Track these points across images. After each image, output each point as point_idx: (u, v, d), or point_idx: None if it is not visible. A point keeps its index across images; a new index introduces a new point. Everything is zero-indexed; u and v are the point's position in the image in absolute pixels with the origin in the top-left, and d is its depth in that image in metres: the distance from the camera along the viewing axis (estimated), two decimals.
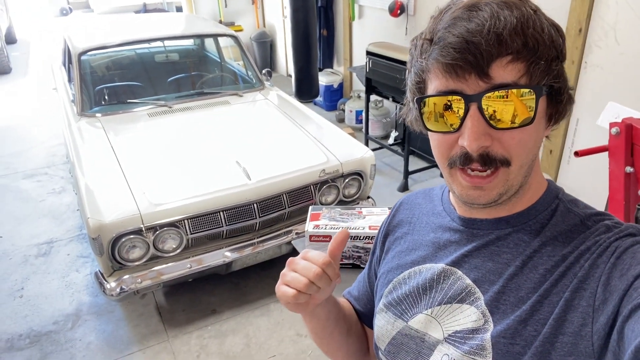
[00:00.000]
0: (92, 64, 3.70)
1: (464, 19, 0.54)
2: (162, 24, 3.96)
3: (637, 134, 1.77)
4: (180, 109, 3.16)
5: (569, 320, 0.55)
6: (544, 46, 0.54)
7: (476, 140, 0.55)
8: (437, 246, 0.71)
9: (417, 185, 3.81)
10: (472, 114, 0.55)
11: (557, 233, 0.61)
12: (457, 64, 0.54)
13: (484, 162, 0.57)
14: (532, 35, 0.53)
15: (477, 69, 0.53)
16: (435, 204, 0.76)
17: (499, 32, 0.52)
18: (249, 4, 6.71)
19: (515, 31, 0.53)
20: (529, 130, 0.57)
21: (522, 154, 0.58)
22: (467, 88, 0.55)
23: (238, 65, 4.05)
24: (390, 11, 4.11)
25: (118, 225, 2.14)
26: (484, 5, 0.54)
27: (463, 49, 0.53)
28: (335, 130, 3.01)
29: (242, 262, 2.47)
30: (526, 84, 0.54)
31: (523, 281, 0.60)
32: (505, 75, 0.54)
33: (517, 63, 0.54)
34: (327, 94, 5.34)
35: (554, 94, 0.58)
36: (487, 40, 0.52)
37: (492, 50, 0.52)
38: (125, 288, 2.22)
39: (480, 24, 0.53)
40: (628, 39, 2.49)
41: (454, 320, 0.64)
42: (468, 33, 0.53)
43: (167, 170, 2.49)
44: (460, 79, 0.55)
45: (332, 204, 2.66)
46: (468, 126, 0.55)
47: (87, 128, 2.93)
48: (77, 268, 2.96)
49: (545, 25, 0.55)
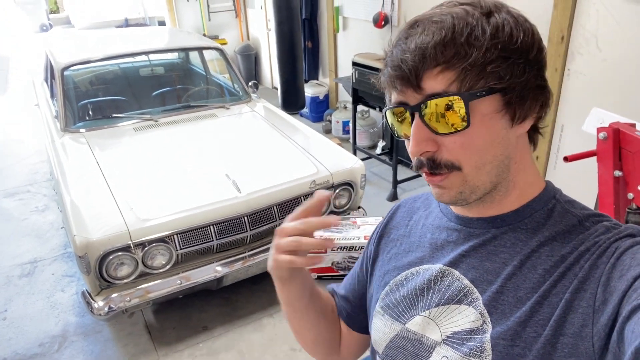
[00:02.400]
0: (76, 79, 3.65)
1: (403, 38, 0.60)
2: (146, 37, 3.94)
3: (624, 138, 1.80)
4: (166, 123, 3.12)
5: (569, 321, 0.55)
6: (479, 50, 0.55)
7: (416, 145, 0.60)
8: (435, 247, 0.72)
9: (406, 194, 3.82)
10: (416, 122, 0.60)
11: (555, 233, 0.61)
12: (396, 80, 0.59)
13: (430, 166, 0.61)
14: (466, 42, 0.55)
15: (410, 83, 0.58)
16: (433, 206, 0.78)
17: (424, 47, 0.56)
18: (233, 18, 6.72)
19: (443, 43, 0.56)
20: (472, 133, 0.58)
21: (472, 156, 0.59)
22: (409, 100, 0.60)
23: (224, 78, 4.03)
24: (374, 22, 4.15)
25: (105, 242, 2.08)
26: (422, 22, 0.59)
27: (397, 66, 0.58)
28: (324, 140, 3.00)
29: (233, 276, 2.43)
30: (456, 91, 0.57)
31: (521, 281, 0.60)
32: (436, 85, 0.57)
33: (447, 72, 0.57)
34: (314, 106, 5.35)
35: (507, 93, 0.58)
36: (414, 57, 0.57)
37: (417, 65, 0.57)
38: (114, 307, 2.16)
39: (412, 41, 0.58)
40: (609, 45, 2.54)
41: (452, 321, 0.64)
42: (402, 52, 0.58)
43: (155, 185, 2.45)
44: (402, 92, 0.60)
45: (323, 215, 2.64)
46: (412, 133, 0.60)
47: (71, 144, 2.88)
48: (62, 288, 2.88)
49: (488, 29, 0.56)
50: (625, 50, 2.47)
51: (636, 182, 1.78)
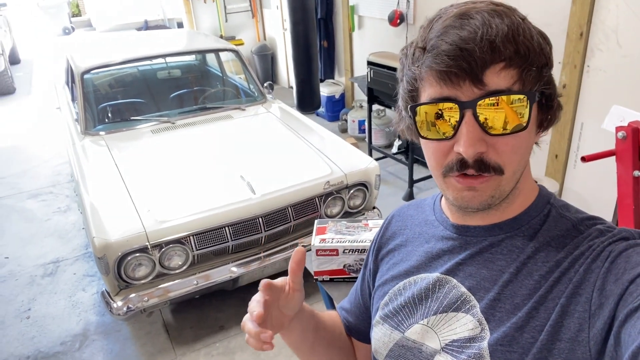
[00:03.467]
0: (95, 82, 3.73)
1: (456, 27, 0.54)
2: (163, 40, 3.99)
3: None
4: (183, 125, 3.17)
5: (565, 326, 0.55)
6: (534, 53, 0.55)
7: (472, 146, 0.56)
8: (431, 256, 0.71)
9: (422, 194, 3.79)
10: (467, 120, 0.56)
11: (550, 238, 0.61)
12: (452, 71, 0.54)
13: (478, 167, 0.57)
14: (523, 42, 0.54)
15: (471, 76, 0.54)
16: (427, 214, 0.77)
17: (491, 39, 0.53)
18: (249, 18, 6.76)
19: (507, 38, 0.53)
20: (522, 137, 0.57)
21: (515, 161, 0.58)
22: (462, 95, 0.55)
23: (240, 79, 4.06)
24: (389, 21, 4.13)
25: (124, 243, 2.13)
26: (475, 13, 0.55)
27: (457, 56, 0.53)
28: (339, 141, 3.00)
29: (248, 277, 2.45)
30: (520, 90, 0.55)
31: (518, 288, 0.60)
32: (499, 82, 0.54)
33: (510, 70, 0.54)
34: (329, 105, 5.35)
35: (544, 100, 0.59)
36: (481, 47, 0.53)
37: (485, 57, 0.53)
38: (132, 307, 2.20)
39: (472, 31, 0.53)
40: (630, 41, 2.48)
41: (451, 329, 0.64)
42: (461, 40, 0.53)
43: (171, 187, 2.48)
44: (455, 85, 0.55)
45: (338, 215, 2.64)
46: (464, 132, 0.56)
47: (91, 146, 2.94)
48: (83, 287, 2.95)
49: (534, 34, 0.56)
50: None
51: None
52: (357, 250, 1.51)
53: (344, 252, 1.52)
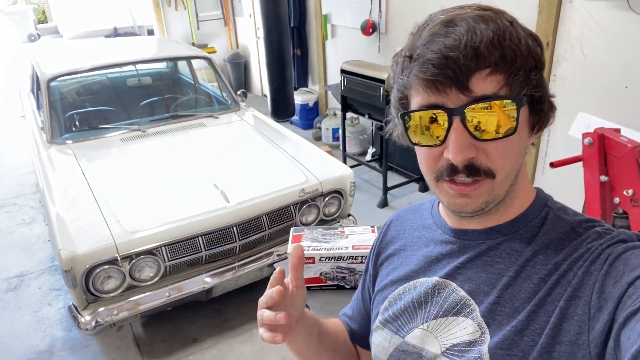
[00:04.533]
0: (62, 89, 3.62)
1: (441, 34, 0.55)
2: (134, 47, 3.92)
3: (609, 143, 1.81)
4: (154, 133, 3.10)
5: (565, 329, 0.55)
6: (521, 57, 0.55)
7: (461, 152, 0.56)
8: (430, 260, 0.71)
9: (397, 201, 3.82)
10: (455, 127, 0.56)
11: (549, 241, 0.61)
12: (437, 80, 0.55)
13: (469, 172, 0.58)
14: (509, 47, 0.54)
15: (457, 83, 0.54)
16: (425, 218, 0.77)
17: (475, 45, 0.53)
18: (222, 26, 6.72)
19: (492, 44, 0.53)
20: (513, 140, 0.57)
21: (507, 164, 0.58)
22: (449, 102, 0.56)
23: (212, 87, 4.02)
24: (362, 30, 4.17)
25: (92, 255, 2.06)
26: (460, 20, 0.55)
27: (442, 64, 0.54)
28: (313, 149, 2.99)
29: (223, 287, 2.41)
30: (507, 95, 0.55)
31: (517, 291, 0.60)
32: (485, 88, 0.55)
33: (496, 75, 0.55)
34: (303, 113, 5.35)
35: (534, 103, 0.59)
36: (465, 54, 0.53)
37: (470, 64, 0.53)
38: (101, 321, 2.13)
39: (457, 39, 0.54)
40: (594, 51, 2.57)
41: (451, 333, 0.64)
42: (446, 48, 0.54)
43: (142, 197, 2.42)
44: (442, 93, 0.56)
45: (313, 223, 2.63)
46: (452, 139, 0.56)
47: (57, 156, 2.85)
48: (49, 302, 2.84)
49: (522, 37, 0.56)
50: (610, 56, 2.50)
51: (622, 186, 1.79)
52: (334, 257, 1.49)
53: (320, 260, 1.50)
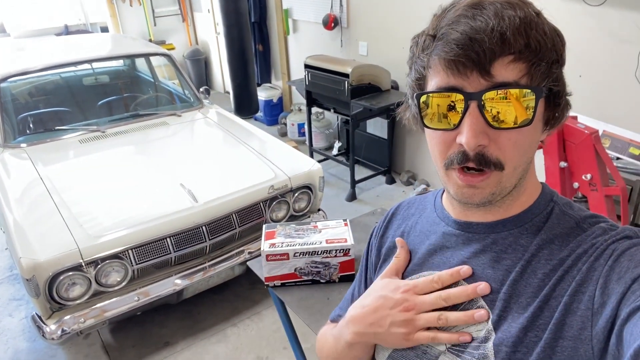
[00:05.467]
0: (13, 91, 3.45)
1: (468, 16, 0.54)
2: (88, 45, 3.77)
3: (567, 130, 1.88)
4: (114, 133, 3.00)
5: (568, 324, 0.54)
6: (545, 48, 0.54)
7: (474, 137, 0.55)
8: (433, 253, 0.70)
9: (365, 194, 3.85)
10: (471, 111, 0.55)
11: (554, 236, 0.61)
12: (460, 60, 0.53)
13: (479, 162, 0.57)
14: (535, 36, 0.53)
15: (479, 67, 0.53)
16: (429, 212, 0.75)
17: (502, 30, 0.52)
18: (180, 22, 6.56)
19: (518, 31, 0.52)
20: (526, 132, 0.56)
21: (517, 156, 0.57)
22: (468, 85, 0.55)
23: (173, 84, 3.93)
24: (324, 24, 4.16)
25: (54, 262, 1.97)
26: (488, 4, 0.54)
27: (466, 45, 0.53)
28: (280, 144, 2.98)
29: (194, 288, 2.37)
30: (527, 84, 0.54)
31: (523, 287, 0.59)
32: (507, 75, 0.54)
33: (519, 63, 0.54)
34: (268, 109, 5.31)
35: (552, 97, 0.58)
36: (491, 38, 0.52)
37: (495, 49, 0.52)
38: (67, 329, 2.05)
39: (484, 22, 0.53)
40: None
41: (456, 329, 0.63)
42: (472, 30, 0.53)
43: (105, 199, 2.34)
44: (462, 75, 0.55)
45: (283, 219, 2.62)
46: (467, 123, 0.55)
47: (11, 160, 2.71)
48: (9, 312, 2.71)
49: (547, 29, 0.55)
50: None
51: (580, 172, 1.87)
52: (308, 252, 1.49)
53: (294, 256, 1.50)
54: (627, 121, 2.40)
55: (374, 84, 3.53)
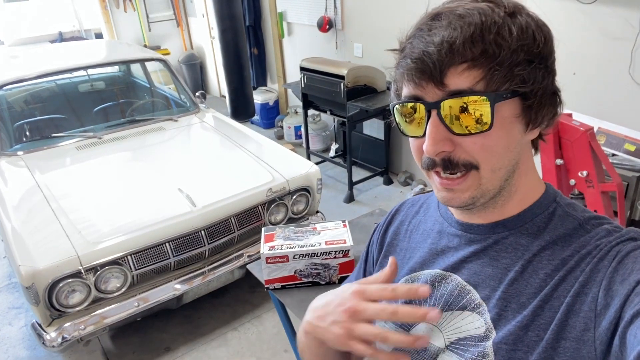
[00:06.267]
0: (9, 99, 3.44)
1: (425, 30, 0.56)
2: (83, 52, 3.77)
3: (563, 128, 1.89)
4: (111, 139, 3.00)
5: (570, 325, 0.54)
6: (507, 51, 0.54)
7: (433, 145, 0.57)
8: (435, 252, 0.70)
9: (363, 195, 3.86)
10: (432, 120, 0.57)
11: (556, 237, 0.61)
12: (414, 74, 0.56)
13: (445, 166, 0.58)
14: (494, 41, 0.53)
15: (432, 78, 0.55)
16: (432, 211, 0.76)
17: (452, 41, 0.53)
18: (174, 27, 6.56)
19: (471, 39, 0.53)
20: (492, 136, 0.56)
21: (490, 159, 0.57)
22: (427, 96, 0.57)
23: (169, 89, 3.93)
24: (319, 27, 4.17)
25: (53, 270, 1.97)
26: (446, 14, 0.56)
27: (419, 59, 0.55)
28: (277, 147, 2.98)
29: (193, 293, 2.36)
30: (482, 90, 0.55)
31: (523, 286, 0.60)
32: (460, 82, 0.55)
33: (474, 70, 0.54)
34: (264, 112, 5.31)
35: (524, 98, 0.57)
36: (440, 50, 0.54)
37: (444, 60, 0.54)
38: (68, 337, 2.05)
39: (437, 34, 0.54)
40: None
41: (456, 327, 0.63)
42: (425, 44, 0.55)
43: (103, 205, 2.34)
44: (419, 87, 0.57)
45: (282, 222, 2.62)
46: (427, 132, 0.57)
47: (8, 168, 2.71)
48: (9, 321, 2.70)
49: (515, 30, 0.54)
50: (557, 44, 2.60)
51: (576, 169, 1.88)
52: (308, 254, 1.50)
53: (294, 258, 1.50)
54: (622, 117, 2.41)
55: (369, 86, 3.54)
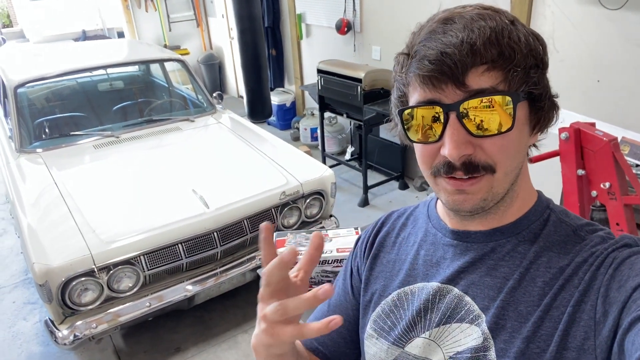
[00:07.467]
0: (30, 96, 3.50)
1: (439, 32, 0.55)
2: (104, 51, 3.82)
3: (585, 137, 1.84)
4: (128, 138, 3.03)
5: (572, 334, 0.54)
6: (520, 54, 0.54)
7: (456, 148, 0.55)
8: (429, 264, 0.68)
9: (377, 199, 3.82)
10: (451, 123, 0.55)
11: (551, 243, 0.60)
12: (434, 75, 0.54)
13: (466, 169, 0.57)
14: (508, 44, 0.54)
15: (453, 79, 0.54)
16: (422, 222, 0.74)
17: (472, 42, 0.53)
18: (194, 27, 6.62)
19: (489, 41, 0.53)
20: (510, 137, 0.56)
21: (506, 161, 0.57)
22: (445, 98, 0.56)
23: (187, 89, 3.95)
24: (337, 29, 4.15)
25: (67, 268, 1.99)
26: (458, 18, 0.56)
27: (438, 60, 0.54)
28: (292, 150, 2.97)
29: (205, 294, 2.36)
30: (503, 90, 0.55)
31: (522, 295, 0.59)
32: (482, 82, 0.54)
33: (494, 71, 0.54)
34: (281, 113, 5.31)
35: (534, 100, 0.58)
36: (461, 50, 0.53)
37: (466, 60, 0.53)
38: (79, 335, 2.06)
39: (454, 35, 0.54)
40: (566, 46, 2.61)
41: (455, 341, 0.62)
42: (443, 45, 0.54)
43: (118, 205, 2.36)
44: (437, 89, 0.55)
45: (295, 225, 2.61)
46: (448, 135, 0.56)
47: (27, 165, 2.75)
48: (24, 316, 2.74)
49: (522, 35, 0.56)
50: (582, 51, 2.54)
51: (599, 180, 1.82)
52: (319, 262, 1.47)
53: None
54: None
55: (387, 89, 3.51)
